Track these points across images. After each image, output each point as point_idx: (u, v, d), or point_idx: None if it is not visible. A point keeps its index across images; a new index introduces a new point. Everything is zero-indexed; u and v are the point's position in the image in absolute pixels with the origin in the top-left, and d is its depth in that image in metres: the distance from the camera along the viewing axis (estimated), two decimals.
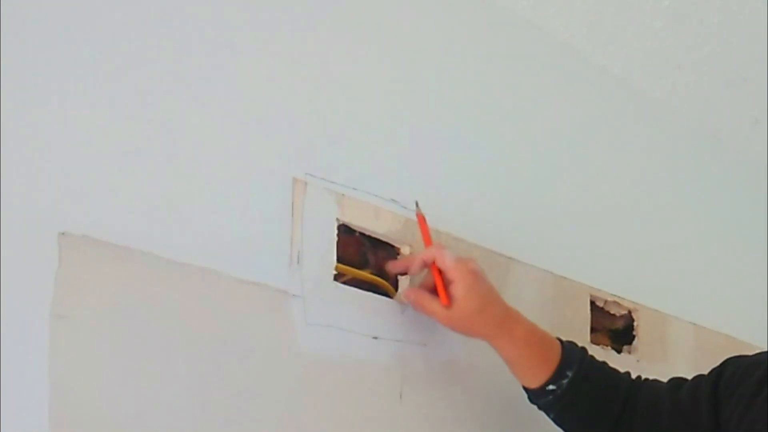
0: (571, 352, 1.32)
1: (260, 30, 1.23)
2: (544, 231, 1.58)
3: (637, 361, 1.70)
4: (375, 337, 1.29)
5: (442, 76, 1.46)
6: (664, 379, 1.57)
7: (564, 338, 1.54)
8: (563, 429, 1.35)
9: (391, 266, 1.32)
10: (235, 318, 1.14)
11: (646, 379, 1.37)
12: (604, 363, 1.36)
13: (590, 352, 1.36)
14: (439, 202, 1.41)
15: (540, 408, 1.33)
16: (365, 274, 1.32)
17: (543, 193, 1.60)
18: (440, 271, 1.27)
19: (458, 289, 1.25)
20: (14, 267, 0.97)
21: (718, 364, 1.29)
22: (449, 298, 1.26)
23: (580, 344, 1.44)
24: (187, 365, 1.09)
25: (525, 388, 1.33)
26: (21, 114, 1.00)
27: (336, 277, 1.26)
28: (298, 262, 1.21)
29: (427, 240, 1.31)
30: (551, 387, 1.30)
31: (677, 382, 1.33)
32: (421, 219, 1.32)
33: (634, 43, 1.68)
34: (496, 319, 1.29)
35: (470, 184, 1.47)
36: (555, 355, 1.31)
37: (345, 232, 1.28)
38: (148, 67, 1.12)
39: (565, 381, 1.29)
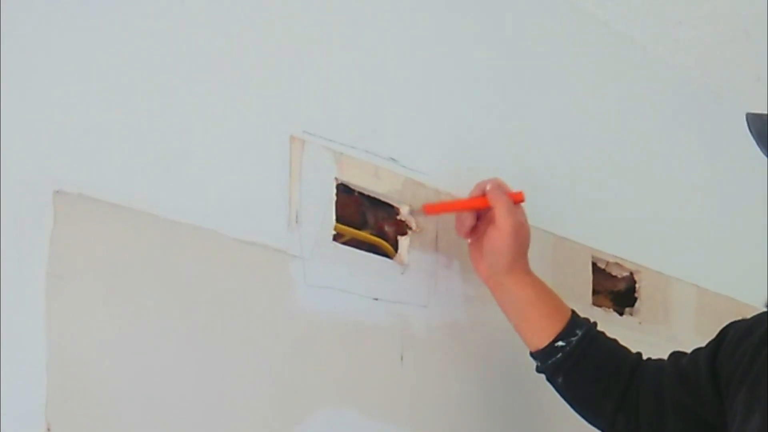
0: (579, 317, 1.34)
1: None
2: (546, 191, 1.57)
3: (639, 323, 1.69)
4: (375, 299, 1.28)
5: (441, 32, 1.45)
6: (666, 342, 1.56)
7: (565, 300, 1.54)
8: (570, 398, 1.34)
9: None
10: (233, 278, 1.14)
11: (650, 358, 1.37)
12: (615, 339, 1.37)
13: (591, 316, 1.36)
14: (439, 161, 1.40)
15: (549, 375, 1.33)
16: (365, 235, 1.31)
17: (544, 152, 1.59)
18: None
19: (498, 212, 1.30)
20: (9, 226, 0.96)
21: (719, 330, 1.29)
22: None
23: (581, 306, 1.44)
24: (185, 326, 1.08)
25: (532, 354, 1.34)
26: (15, 72, 0.98)
27: (335, 238, 1.25)
28: (296, 222, 1.20)
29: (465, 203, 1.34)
30: (560, 343, 1.30)
31: (678, 354, 1.33)
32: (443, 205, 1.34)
33: None
34: (524, 259, 1.33)
35: (470, 143, 1.46)
36: (566, 312, 1.34)
37: (344, 191, 1.27)
38: (145, 26, 1.10)
39: (574, 339, 1.30)
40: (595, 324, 1.35)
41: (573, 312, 1.34)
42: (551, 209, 1.57)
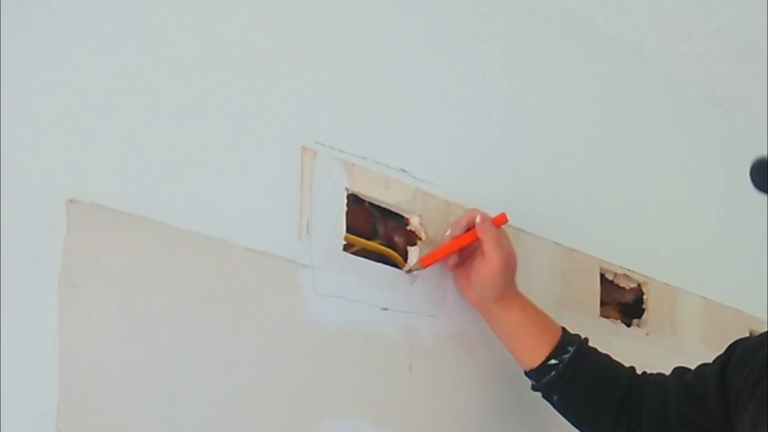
0: (571, 334, 1.36)
1: None
2: (554, 202, 1.57)
3: (647, 334, 1.69)
4: (384, 308, 1.29)
5: (453, 45, 1.45)
6: (673, 353, 1.56)
7: (573, 312, 1.55)
8: (567, 414, 1.36)
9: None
10: (244, 288, 1.14)
11: (651, 373, 1.37)
12: (607, 354, 1.38)
13: (598, 328, 1.37)
14: (449, 172, 1.40)
15: (544, 393, 1.35)
16: (375, 245, 1.31)
17: (553, 164, 1.59)
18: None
19: (488, 248, 1.29)
20: (23, 235, 0.97)
21: (726, 346, 1.30)
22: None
23: (589, 317, 1.44)
24: (195, 334, 1.09)
25: (527, 373, 1.35)
26: (28, 81, 0.99)
27: (345, 248, 1.26)
28: (307, 232, 1.21)
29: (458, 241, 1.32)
30: (553, 361, 1.32)
31: (682, 369, 1.34)
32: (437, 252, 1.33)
33: (645, 12, 1.67)
34: (511, 287, 1.33)
35: (480, 154, 1.46)
36: (557, 330, 1.35)
37: (354, 201, 1.28)
38: (159, 37, 1.11)
39: (566, 356, 1.32)
40: (586, 340, 1.36)
41: (563, 329, 1.35)
42: (560, 220, 1.57)
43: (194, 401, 1.08)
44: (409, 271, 1.32)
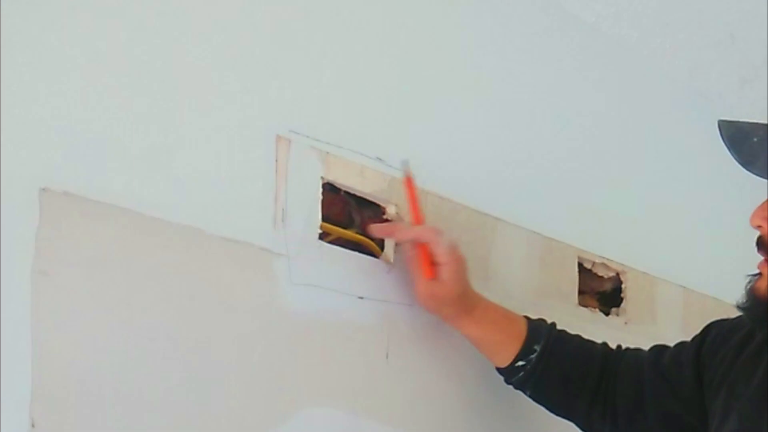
0: (537, 328, 1.34)
1: None
2: (532, 191, 1.57)
3: (625, 323, 1.70)
4: (361, 297, 1.29)
5: (429, 33, 1.45)
6: (652, 342, 1.57)
7: (551, 301, 1.55)
8: (543, 406, 1.36)
9: (376, 230, 1.30)
10: (218, 277, 1.14)
11: (627, 348, 1.37)
12: (577, 336, 1.37)
13: (577, 316, 1.36)
14: (426, 161, 1.40)
15: (516, 387, 1.35)
16: (351, 234, 1.31)
17: (531, 153, 1.59)
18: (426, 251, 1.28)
19: (447, 272, 1.26)
20: None
21: (701, 329, 1.31)
22: (435, 273, 1.27)
23: (567, 306, 1.43)
24: (169, 323, 1.09)
25: (498, 370, 1.35)
26: (1, 70, 0.98)
27: (321, 237, 1.26)
28: (282, 221, 1.21)
29: (415, 207, 1.29)
30: (520, 363, 1.32)
31: (659, 349, 1.34)
32: (410, 182, 1.30)
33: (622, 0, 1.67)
34: (467, 305, 1.31)
35: (457, 143, 1.46)
36: (521, 332, 1.33)
37: (330, 190, 1.28)
38: (133, 24, 1.10)
39: (533, 356, 1.31)
40: (553, 327, 1.35)
41: (528, 328, 1.33)
42: (538, 210, 1.58)
43: (167, 389, 1.07)
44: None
